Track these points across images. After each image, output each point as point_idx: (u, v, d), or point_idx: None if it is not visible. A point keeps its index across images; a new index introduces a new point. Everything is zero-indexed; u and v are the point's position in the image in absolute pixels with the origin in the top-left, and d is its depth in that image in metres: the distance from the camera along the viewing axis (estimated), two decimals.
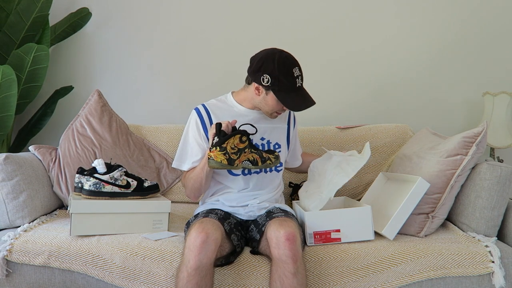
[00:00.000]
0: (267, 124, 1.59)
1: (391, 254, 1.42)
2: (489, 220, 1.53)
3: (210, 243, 1.26)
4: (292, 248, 1.26)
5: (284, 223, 1.33)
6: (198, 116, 1.56)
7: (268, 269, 1.39)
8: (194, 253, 1.25)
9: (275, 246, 1.28)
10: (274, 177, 1.61)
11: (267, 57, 1.45)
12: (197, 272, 1.25)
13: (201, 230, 1.28)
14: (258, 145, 1.58)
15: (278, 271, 1.28)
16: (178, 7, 2.45)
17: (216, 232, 1.30)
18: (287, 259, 1.26)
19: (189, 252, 1.26)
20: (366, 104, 2.40)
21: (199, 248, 1.25)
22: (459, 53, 2.36)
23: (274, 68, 1.43)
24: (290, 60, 1.47)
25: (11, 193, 1.64)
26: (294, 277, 1.26)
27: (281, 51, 1.48)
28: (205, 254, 1.25)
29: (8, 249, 1.47)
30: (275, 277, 1.29)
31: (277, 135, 1.62)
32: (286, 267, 1.26)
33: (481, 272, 1.39)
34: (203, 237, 1.26)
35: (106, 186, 1.55)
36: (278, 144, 1.62)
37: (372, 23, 2.39)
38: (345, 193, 2.00)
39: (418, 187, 1.50)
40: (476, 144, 1.56)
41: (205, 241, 1.25)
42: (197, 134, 1.55)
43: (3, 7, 2.23)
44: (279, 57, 1.45)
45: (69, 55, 2.51)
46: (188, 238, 1.30)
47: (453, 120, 2.37)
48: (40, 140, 2.48)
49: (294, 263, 1.26)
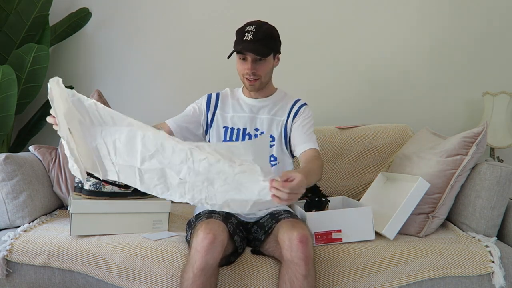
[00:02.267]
0: (266, 115, 1.62)
1: (391, 254, 1.42)
2: (489, 220, 1.53)
3: (217, 245, 1.26)
4: (305, 251, 1.25)
5: (296, 224, 1.33)
6: (207, 97, 1.70)
7: (268, 270, 1.39)
8: (201, 253, 1.25)
9: (287, 248, 1.27)
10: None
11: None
12: (203, 272, 1.25)
13: (208, 231, 1.27)
14: (251, 135, 1.60)
15: (288, 273, 1.27)
16: (178, 7, 2.44)
17: (223, 234, 1.30)
18: (300, 262, 1.25)
19: (195, 253, 1.26)
20: (366, 104, 2.40)
21: (206, 249, 1.24)
22: (459, 53, 2.36)
23: (236, 32, 1.57)
24: (251, 22, 1.57)
25: (11, 193, 1.64)
26: (305, 279, 1.25)
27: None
28: (211, 256, 1.25)
29: (8, 249, 1.47)
30: (285, 279, 1.28)
31: (273, 127, 1.62)
32: (298, 269, 1.25)
33: (481, 272, 1.39)
34: (211, 239, 1.25)
35: (106, 186, 1.55)
36: (272, 136, 1.62)
37: (372, 23, 2.38)
38: (345, 193, 2.00)
39: (418, 187, 1.50)
40: (476, 144, 1.56)
41: (213, 242, 1.25)
42: (199, 103, 1.68)
43: (3, 7, 2.23)
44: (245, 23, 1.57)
45: (69, 55, 2.51)
46: (195, 239, 1.29)
47: (453, 120, 2.37)
48: (40, 140, 2.47)
49: (306, 266, 1.25)
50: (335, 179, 2.06)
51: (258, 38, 1.51)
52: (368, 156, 2.07)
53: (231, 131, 1.62)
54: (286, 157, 1.64)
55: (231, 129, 1.62)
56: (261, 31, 1.52)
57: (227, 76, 2.41)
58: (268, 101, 1.65)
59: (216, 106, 1.67)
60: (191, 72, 2.46)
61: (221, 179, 1.15)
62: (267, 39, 1.53)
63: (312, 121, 1.64)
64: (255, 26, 1.53)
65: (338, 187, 2.04)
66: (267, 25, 1.57)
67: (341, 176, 2.06)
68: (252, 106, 1.64)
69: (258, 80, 1.56)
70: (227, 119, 1.64)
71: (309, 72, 2.37)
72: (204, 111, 1.66)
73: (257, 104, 1.64)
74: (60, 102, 1.18)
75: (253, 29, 1.52)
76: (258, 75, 1.55)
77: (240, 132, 1.61)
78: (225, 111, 1.66)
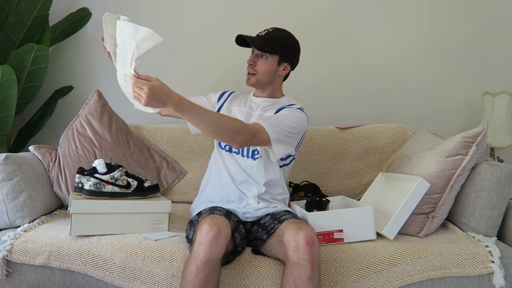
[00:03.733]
0: (259, 111, 1.65)
1: (391, 254, 1.42)
2: (489, 220, 1.53)
3: (221, 238, 1.26)
4: (311, 252, 1.25)
5: (302, 226, 1.33)
6: (221, 92, 1.79)
7: (268, 270, 1.39)
8: (206, 246, 1.25)
9: (293, 249, 1.26)
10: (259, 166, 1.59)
11: None
12: (207, 265, 1.25)
13: (213, 224, 1.27)
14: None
15: (293, 274, 1.27)
16: (178, 7, 2.44)
17: (227, 228, 1.30)
18: (306, 263, 1.25)
19: (200, 246, 1.26)
20: (366, 104, 2.40)
21: (211, 242, 1.25)
22: (459, 53, 2.36)
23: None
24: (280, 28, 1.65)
25: (11, 193, 1.64)
26: (310, 281, 1.25)
27: None
28: (215, 249, 1.25)
29: (8, 249, 1.47)
30: (289, 280, 1.28)
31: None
32: (304, 271, 1.25)
33: (481, 272, 1.39)
34: (216, 231, 1.26)
35: (106, 186, 1.55)
36: None
37: (372, 23, 2.39)
38: (345, 193, 2.00)
39: (418, 187, 1.50)
40: (476, 144, 1.56)
41: (217, 236, 1.25)
42: (212, 95, 1.78)
43: (3, 7, 2.23)
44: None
45: (69, 55, 2.50)
46: (199, 232, 1.29)
47: (453, 120, 2.37)
48: (40, 140, 2.47)
49: (312, 268, 1.25)
50: (335, 179, 2.06)
51: (269, 37, 1.59)
52: (368, 156, 2.07)
53: None
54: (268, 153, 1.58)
55: None
56: (276, 34, 1.60)
57: (227, 76, 2.42)
58: (270, 102, 1.67)
59: (226, 100, 1.75)
60: (191, 72, 2.46)
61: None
62: (277, 41, 1.59)
63: (293, 123, 1.52)
64: (276, 28, 1.62)
65: (338, 187, 2.04)
66: (287, 34, 1.64)
67: (341, 176, 2.06)
68: (255, 104, 1.68)
69: (255, 76, 1.61)
70: (231, 111, 1.70)
71: (309, 72, 2.37)
72: (215, 100, 1.76)
73: (260, 103, 1.67)
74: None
75: (271, 30, 1.62)
76: (256, 70, 1.60)
77: None
78: (232, 104, 1.73)
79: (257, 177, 1.59)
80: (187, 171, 2.11)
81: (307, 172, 2.07)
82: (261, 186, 1.59)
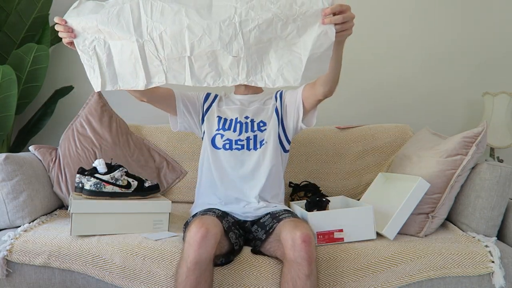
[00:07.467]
0: (256, 105, 1.70)
1: (391, 254, 1.42)
2: (489, 220, 1.53)
3: (210, 238, 1.27)
4: (308, 250, 1.26)
5: (299, 224, 1.34)
6: (205, 93, 1.78)
7: (268, 270, 1.39)
8: (194, 247, 1.25)
9: (290, 247, 1.27)
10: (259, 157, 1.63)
11: None
12: (197, 267, 1.25)
13: (201, 225, 1.28)
14: (242, 123, 1.66)
15: (291, 273, 1.27)
16: None
17: (216, 228, 1.31)
18: (303, 261, 1.25)
19: (189, 247, 1.27)
20: (366, 104, 2.40)
21: (199, 243, 1.25)
22: (459, 53, 2.36)
23: None
24: None
25: (11, 193, 1.64)
26: (307, 279, 1.25)
27: None
28: (205, 249, 1.26)
29: (8, 249, 1.47)
30: (287, 279, 1.28)
31: (262, 114, 1.68)
32: (301, 269, 1.25)
33: (481, 272, 1.39)
34: (203, 232, 1.26)
35: (106, 186, 1.55)
36: (263, 122, 1.66)
37: (372, 24, 2.39)
38: (345, 193, 2.00)
39: (418, 187, 1.50)
40: (476, 144, 1.56)
41: (205, 236, 1.26)
42: (197, 94, 1.76)
43: (3, 7, 2.23)
44: None
45: (69, 55, 2.50)
46: (188, 234, 1.30)
47: (453, 120, 2.37)
48: (40, 140, 2.48)
49: (309, 266, 1.25)
50: (335, 179, 2.06)
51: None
52: (368, 156, 2.07)
53: (224, 121, 1.68)
54: (275, 141, 1.64)
55: (224, 119, 1.69)
56: None
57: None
58: (257, 97, 1.73)
59: (213, 99, 1.76)
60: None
61: (274, 45, 1.16)
62: None
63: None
64: None
65: (338, 187, 2.04)
66: None
67: (341, 176, 2.06)
68: (243, 100, 1.73)
69: None
70: (221, 111, 1.72)
71: None
72: (201, 101, 1.76)
73: (247, 99, 1.73)
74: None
75: None
76: None
77: (233, 122, 1.67)
78: (219, 105, 1.74)
79: (260, 169, 1.61)
80: (187, 171, 2.11)
81: (307, 172, 2.07)
82: (262, 180, 1.60)
